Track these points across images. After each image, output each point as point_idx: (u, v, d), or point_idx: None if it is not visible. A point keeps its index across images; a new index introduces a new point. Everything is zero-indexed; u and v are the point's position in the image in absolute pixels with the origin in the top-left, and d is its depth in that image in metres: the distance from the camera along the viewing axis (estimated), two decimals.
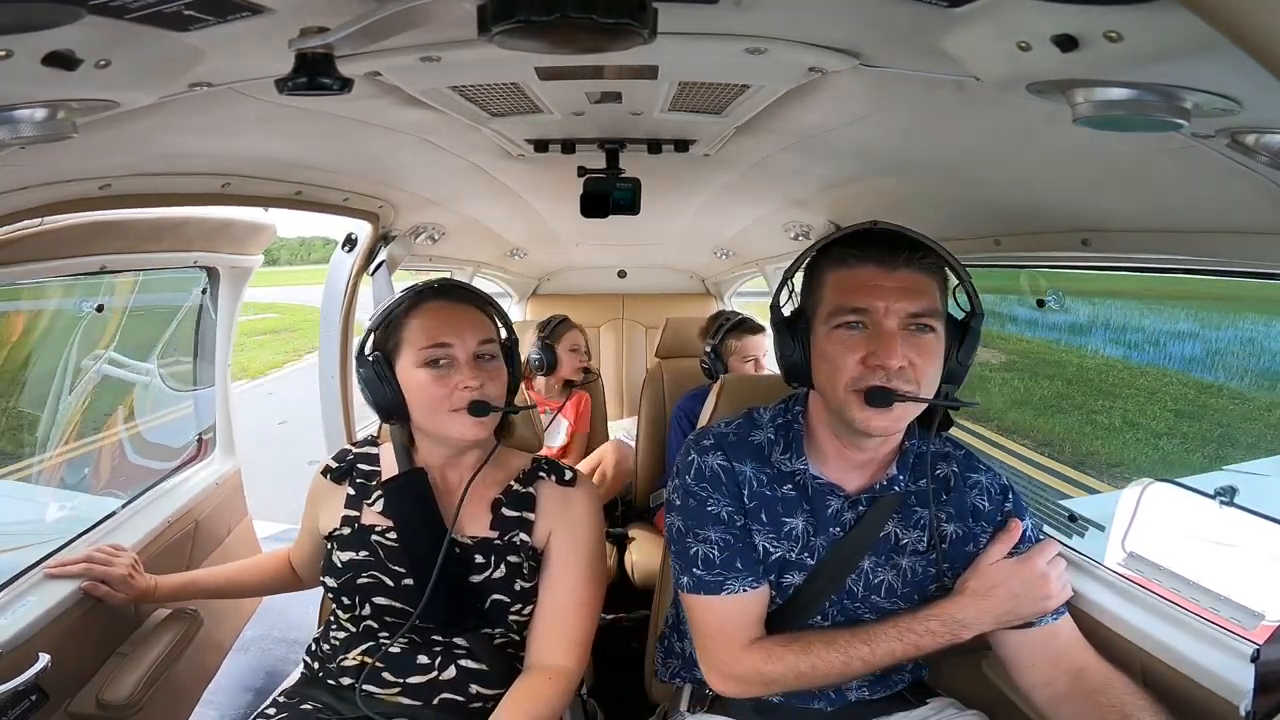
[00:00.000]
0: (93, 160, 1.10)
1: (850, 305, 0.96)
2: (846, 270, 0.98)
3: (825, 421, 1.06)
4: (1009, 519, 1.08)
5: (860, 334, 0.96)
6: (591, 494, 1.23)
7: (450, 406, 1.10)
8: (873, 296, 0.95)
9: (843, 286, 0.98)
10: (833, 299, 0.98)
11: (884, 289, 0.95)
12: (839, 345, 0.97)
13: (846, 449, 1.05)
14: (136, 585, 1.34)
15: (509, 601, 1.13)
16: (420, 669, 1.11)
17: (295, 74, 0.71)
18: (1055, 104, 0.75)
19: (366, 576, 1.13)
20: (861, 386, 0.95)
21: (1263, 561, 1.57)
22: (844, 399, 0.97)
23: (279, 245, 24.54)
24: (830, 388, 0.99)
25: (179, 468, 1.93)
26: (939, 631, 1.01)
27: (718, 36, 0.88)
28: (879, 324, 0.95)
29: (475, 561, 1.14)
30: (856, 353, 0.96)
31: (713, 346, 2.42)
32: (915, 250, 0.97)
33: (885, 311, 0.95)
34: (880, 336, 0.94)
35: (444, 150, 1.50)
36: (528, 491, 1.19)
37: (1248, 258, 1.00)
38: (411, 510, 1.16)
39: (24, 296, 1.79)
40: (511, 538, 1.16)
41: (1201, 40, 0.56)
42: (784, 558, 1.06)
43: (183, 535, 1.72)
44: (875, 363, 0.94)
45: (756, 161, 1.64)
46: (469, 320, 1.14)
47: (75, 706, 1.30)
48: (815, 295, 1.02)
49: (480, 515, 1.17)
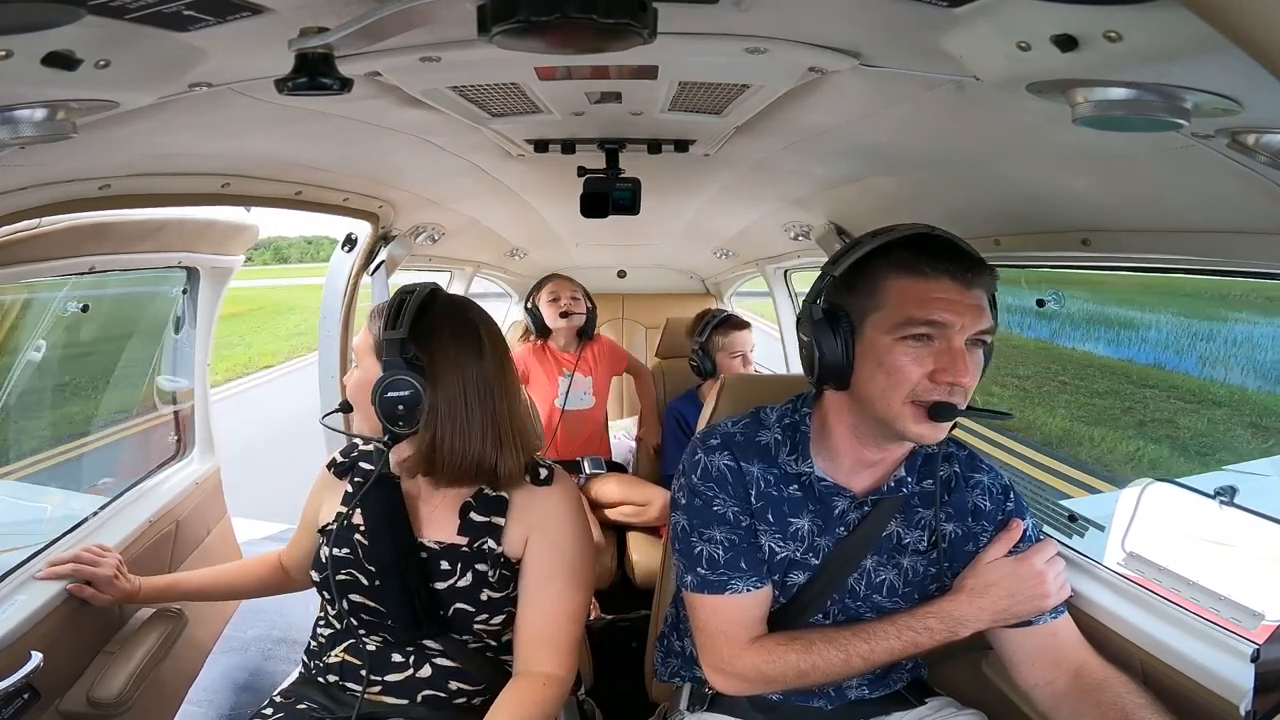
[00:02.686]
0: (92, 160, 1.10)
1: (925, 318, 0.93)
2: (921, 281, 0.94)
3: (848, 423, 1.04)
4: (1010, 518, 1.08)
5: (927, 347, 0.94)
6: (570, 492, 1.18)
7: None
8: (949, 312, 0.93)
9: (916, 298, 0.94)
10: (903, 309, 0.94)
11: (960, 306, 0.93)
12: (904, 357, 0.94)
13: (866, 451, 1.04)
14: (121, 586, 1.34)
15: (473, 611, 1.10)
16: (396, 667, 1.11)
17: (295, 74, 0.71)
18: (1055, 104, 0.75)
19: (345, 574, 1.12)
20: (925, 399, 0.94)
21: (1263, 561, 1.57)
22: (898, 410, 0.95)
23: (288, 245, 24.84)
24: (882, 396, 0.96)
25: (158, 467, 1.92)
26: (937, 629, 1.01)
27: (718, 36, 0.88)
28: (950, 340, 0.93)
29: (440, 568, 1.11)
30: (923, 366, 0.94)
31: (700, 344, 2.42)
32: (984, 266, 0.96)
33: (960, 329, 0.93)
34: (951, 353, 0.93)
35: (444, 150, 1.50)
36: (499, 495, 1.14)
37: (1248, 258, 1.00)
38: (379, 512, 1.13)
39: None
40: (480, 545, 1.11)
41: (1201, 40, 0.56)
42: (789, 557, 1.06)
43: (163, 536, 1.71)
44: (947, 379, 0.93)
45: (756, 161, 1.64)
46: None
47: (66, 705, 1.30)
48: (870, 299, 0.97)
49: (447, 521, 1.14)
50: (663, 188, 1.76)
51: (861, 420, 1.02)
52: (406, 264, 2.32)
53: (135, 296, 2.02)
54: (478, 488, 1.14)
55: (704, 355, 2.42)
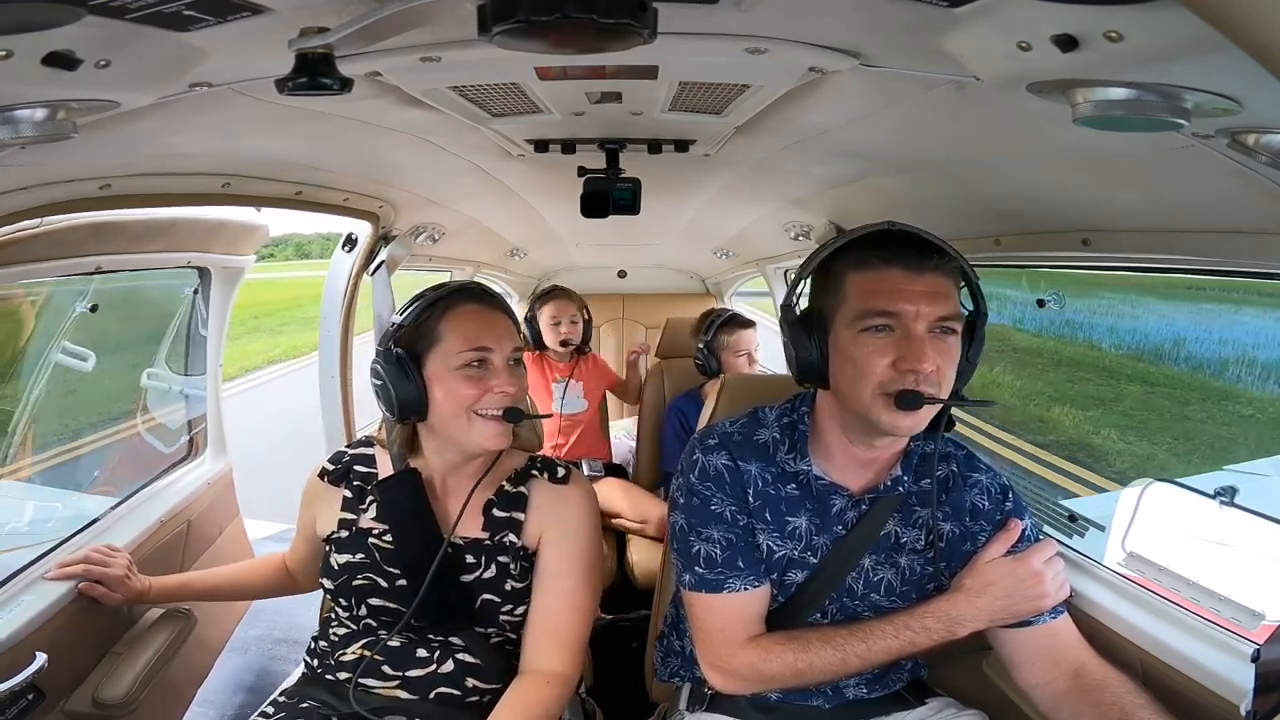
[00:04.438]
0: (93, 160, 1.10)
1: (879, 309, 0.95)
2: (872, 273, 0.97)
3: (837, 421, 1.05)
4: (1008, 518, 1.08)
5: (888, 337, 0.96)
6: (586, 492, 1.21)
7: (481, 410, 1.09)
8: (902, 300, 0.95)
9: (869, 289, 0.97)
10: (858, 302, 0.97)
11: (913, 293, 0.95)
12: (866, 349, 0.96)
13: (856, 449, 1.05)
14: (132, 586, 1.34)
15: (499, 601, 1.13)
16: (419, 662, 1.12)
17: (295, 74, 0.71)
18: (1055, 104, 0.75)
19: (362, 578, 1.13)
20: (891, 390, 0.95)
21: (1263, 561, 1.57)
22: (870, 402, 0.96)
23: (310, 241, 25.69)
24: (854, 390, 0.98)
25: (170, 468, 1.92)
26: (935, 629, 1.01)
27: (718, 36, 0.88)
28: (908, 328, 0.95)
29: (466, 562, 1.14)
30: (885, 356, 0.95)
31: (705, 343, 2.44)
32: (940, 254, 0.97)
33: (915, 316, 0.95)
34: (910, 341, 0.94)
35: (444, 150, 1.50)
36: (519, 491, 1.18)
37: (1248, 258, 1.00)
38: (405, 511, 1.15)
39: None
40: (501, 538, 1.15)
41: (1201, 40, 0.56)
42: (787, 556, 1.07)
43: (175, 535, 1.71)
44: (906, 367, 0.94)
45: (756, 161, 1.64)
46: (505, 327, 1.14)
47: (71, 705, 1.30)
48: (835, 296, 1.00)
49: (472, 516, 1.17)
50: (663, 188, 1.76)
51: (845, 417, 1.03)
52: (407, 264, 2.32)
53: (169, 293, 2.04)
54: (499, 485, 1.18)
55: (709, 354, 2.44)
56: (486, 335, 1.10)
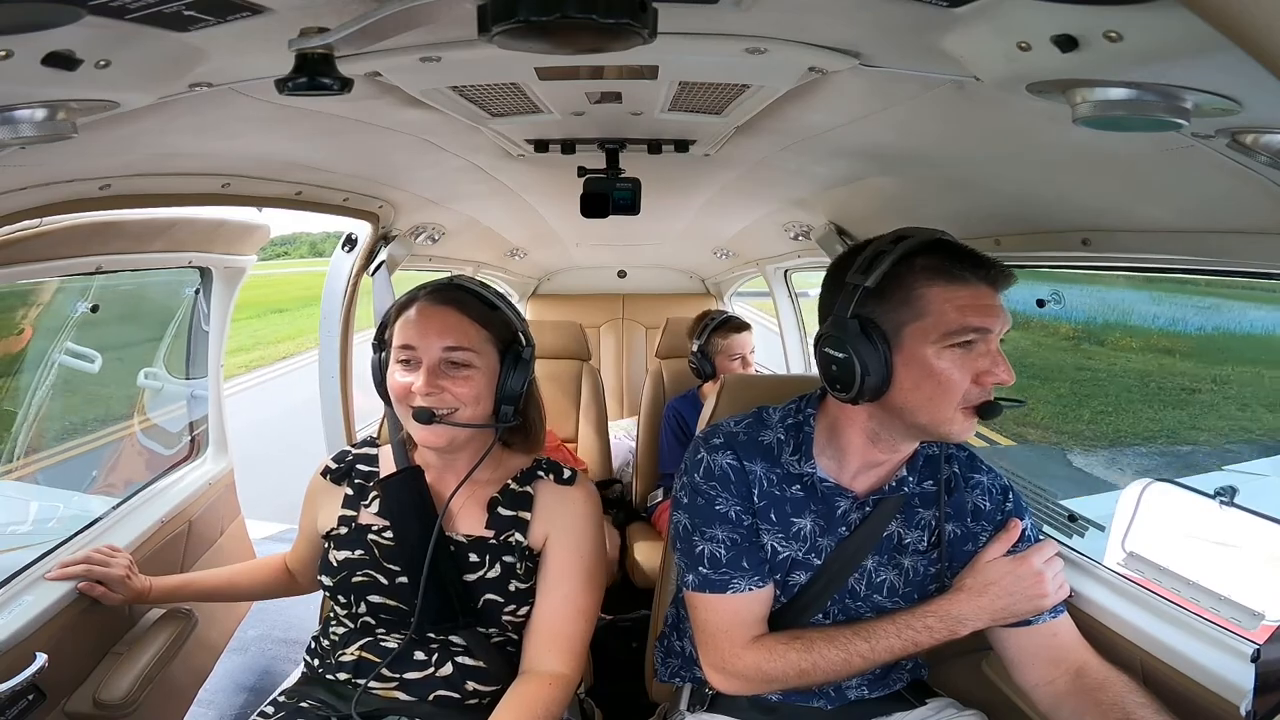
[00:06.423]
0: (93, 160, 1.10)
1: (974, 325, 0.94)
2: (964, 288, 0.94)
3: (865, 429, 1.04)
4: (1009, 518, 1.09)
5: (969, 352, 0.95)
6: (591, 494, 1.21)
7: (407, 410, 1.10)
8: (990, 317, 0.95)
9: (963, 305, 0.94)
10: (951, 317, 0.94)
11: (996, 309, 0.95)
12: (954, 364, 0.95)
13: (879, 453, 1.05)
14: (133, 586, 1.34)
15: (503, 602, 1.13)
16: (417, 665, 1.11)
17: (295, 74, 0.71)
18: (1055, 104, 0.75)
19: (361, 575, 1.13)
20: (973, 402, 0.96)
21: (1263, 561, 1.57)
22: (950, 415, 0.96)
23: (323, 238, 26.40)
24: (931, 404, 0.96)
25: (171, 468, 1.92)
26: (937, 628, 1.01)
27: (718, 36, 0.88)
28: (989, 342, 0.95)
29: (469, 560, 1.13)
30: (968, 371, 0.95)
31: (700, 346, 2.42)
32: (1008, 269, 0.97)
33: (997, 332, 0.96)
34: (991, 355, 0.95)
35: (444, 150, 1.50)
36: (525, 491, 1.18)
37: (1248, 257, 1.00)
38: (406, 507, 1.15)
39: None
40: (507, 537, 1.15)
41: (1201, 40, 0.56)
42: (792, 557, 1.07)
43: (176, 536, 1.71)
44: (993, 381, 0.95)
45: (756, 161, 1.64)
46: (442, 325, 1.10)
47: (72, 706, 1.30)
48: (909, 309, 0.95)
49: (476, 514, 1.17)
50: (663, 188, 1.76)
51: (887, 426, 1.02)
52: (407, 264, 2.32)
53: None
54: (505, 484, 1.18)
55: (703, 358, 2.42)
56: (414, 334, 1.11)
